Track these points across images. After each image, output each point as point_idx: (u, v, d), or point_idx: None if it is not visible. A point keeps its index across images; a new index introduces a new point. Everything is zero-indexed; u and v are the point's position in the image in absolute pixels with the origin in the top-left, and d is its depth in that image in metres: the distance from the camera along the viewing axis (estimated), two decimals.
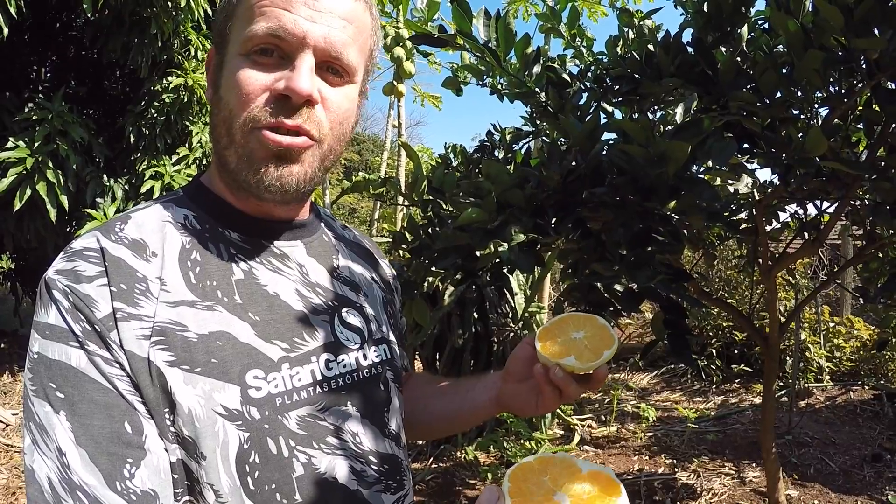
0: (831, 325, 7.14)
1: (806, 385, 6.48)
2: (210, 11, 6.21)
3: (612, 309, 1.72)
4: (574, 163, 1.69)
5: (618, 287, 1.68)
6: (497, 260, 1.85)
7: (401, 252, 2.06)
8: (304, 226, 1.12)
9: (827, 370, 6.74)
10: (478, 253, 1.81)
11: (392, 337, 1.22)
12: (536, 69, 1.99)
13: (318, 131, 0.96)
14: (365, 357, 1.09)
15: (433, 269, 1.91)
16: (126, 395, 0.83)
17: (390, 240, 2.07)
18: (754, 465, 4.71)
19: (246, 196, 1.00)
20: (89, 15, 5.25)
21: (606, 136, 1.71)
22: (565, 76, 2.11)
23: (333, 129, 0.99)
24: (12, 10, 5.11)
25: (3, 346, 7.58)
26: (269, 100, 0.92)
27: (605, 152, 1.66)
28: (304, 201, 1.11)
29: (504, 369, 1.24)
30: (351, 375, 1.05)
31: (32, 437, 0.82)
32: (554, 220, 1.66)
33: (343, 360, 1.05)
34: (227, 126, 0.95)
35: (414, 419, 1.30)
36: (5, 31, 5.15)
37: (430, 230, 1.99)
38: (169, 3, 5.73)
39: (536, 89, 1.97)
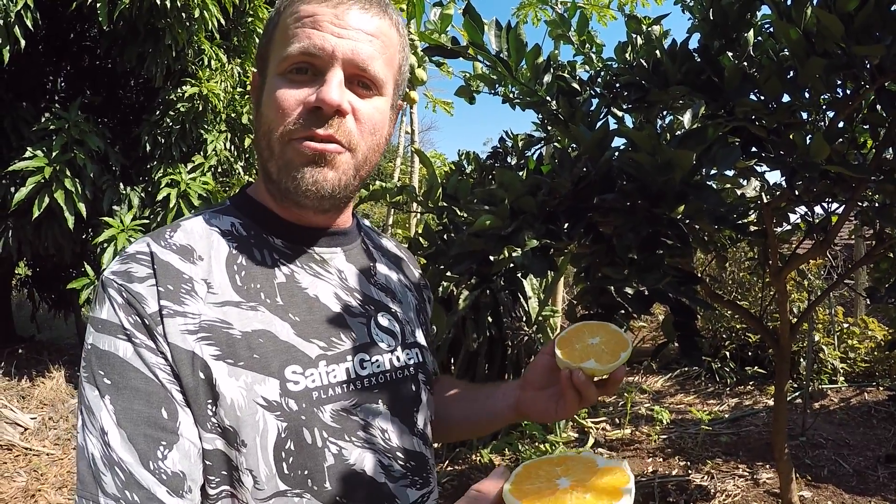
0: (845, 325, 7.12)
1: (820, 386, 6.47)
2: (223, 21, 6.27)
3: (622, 311, 1.76)
4: (584, 170, 1.73)
5: (628, 290, 1.72)
6: (511, 265, 1.88)
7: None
8: (344, 234, 1.18)
9: (841, 371, 6.72)
10: (492, 258, 1.85)
11: (423, 342, 1.27)
12: (547, 78, 2.02)
13: (348, 140, 1.02)
14: (398, 359, 1.15)
15: (449, 274, 1.95)
16: (165, 384, 0.90)
17: (406, 245, 2.11)
18: (768, 466, 4.71)
19: (289, 204, 1.07)
20: (104, 27, 5.32)
21: (616, 141, 1.75)
22: (575, 85, 2.14)
23: (366, 138, 1.05)
24: (28, 23, 5.19)
25: (20, 351, 7.65)
26: (303, 112, 0.99)
27: (614, 158, 1.69)
28: (342, 210, 1.16)
29: (522, 378, 1.29)
30: (384, 375, 1.11)
31: (82, 417, 0.90)
32: (566, 226, 1.69)
33: (377, 360, 1.11)
34: (267, 139, 1.02)
35: (434, 421, 1.34)
36: (22, 42, 5.23)
37: (445, 236, 2.03)
38: (183, 14, 5.78)
39: (547, 98, 2.01)
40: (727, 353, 7.35)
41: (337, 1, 1.00)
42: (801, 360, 6.47)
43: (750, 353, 7.38)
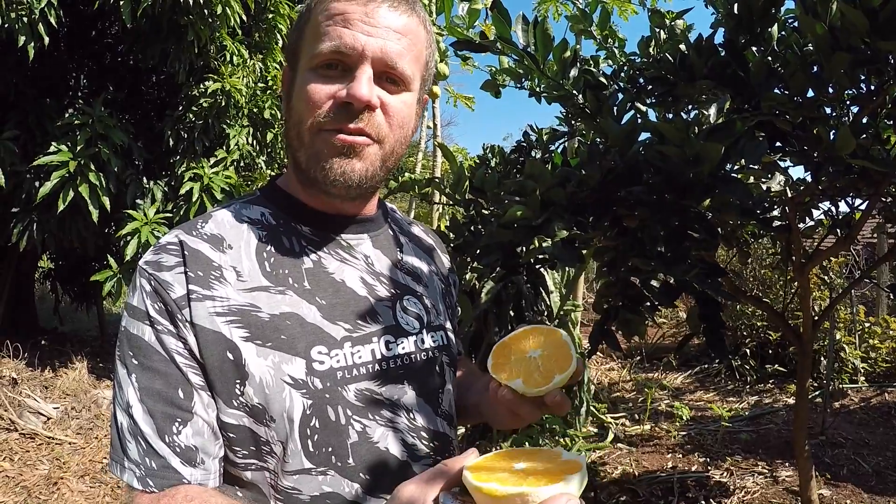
0: (867, 325, 7.06)
1: (840, 386, 6.43)
2: (244, 18, 6.30)
3: (648, 304, 1.77)
4: (612, 163, 1.74)
5: (654, 283, 1.73)
6: (539, 255, 1.90)
7: None
8: (370, 220, 1.23)
9: (862, 371, 6.67)
10: (519, 250, 1.86)
11: (449, 325, 1.31)
12: (573, 72, 2.04)
13: (378, 133, 1.06)
14: (423, 342, 1.19)
15: (476, 265, 1.97)
16: (182, 367, 0.99)
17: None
18: (787, 464, 4.69)
19: (317, 192, 1.12)
20: (128, 24, 5.37)
21: (642, 136, 1.76)
22: (602, 79, 2.16)
23: (394, 131, 1.09)
24: (52, 20, 5.25)
25: (43, 343, 7.75)
26: (333, 107, 1.03)
27: (641, 152, 1.70)
28: (368, 198, 1.21)
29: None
30: (409, 357, 1.15)
31: (115, 391, 1.02)
32: (591, 218, 1.71)
33: (402, 342, 1.15)
34: (297, 130, 1.07)
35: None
36: (46, 39, 5.29)
37: (471, 228, 2.05)
38: (205, 10, 5.82)
39: (574, 91, 2.02)
40: (747, 351, 7.32)
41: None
42: (822, 359, 6.43)
43: (770, 351, 7.34)
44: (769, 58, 1.91)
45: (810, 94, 1.77)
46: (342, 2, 1.03)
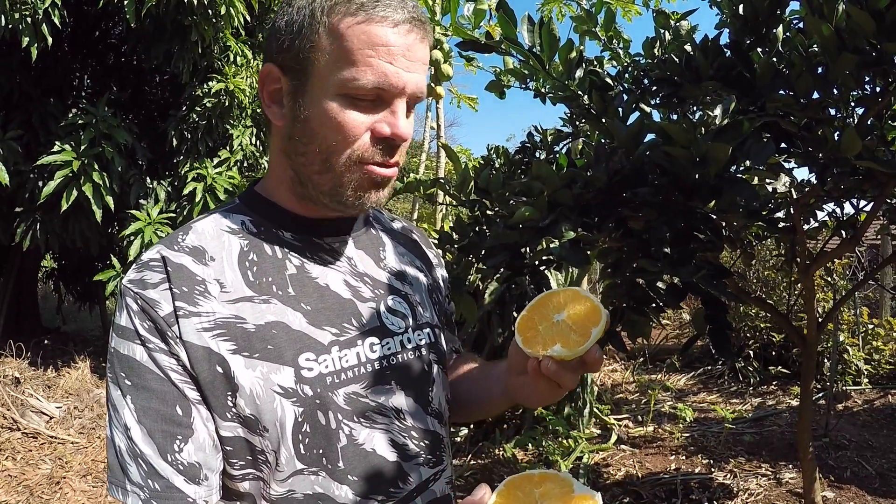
0: (870, 327, 7.05)
1: (844, 388, 6.41)
2: (248, 18, 6.31)
3: (654, 305, 1.77)
4: (620, 164, 1.74)
5: (660, 284, 1.72)
6: (543, 257, 1.90)
7: (444, 251, 2.11)
8: (352, 221, 1.21)
9: (865, 373, 6.66)
10: (523, 250, 1.86)
11: (436, 321, 1.29)
12: (579, 73, 2.04)
13: (401, 161, 1.09)
14: (409, 340, 1.18)
15: (482, 265, 1.97)
16: (178, 383, 0.97)
17: (437, 238, 2.12)
18: (791, 466, 4.69)
19: (313, 205, 1.12)
20: (132, 24, 5.38)
21: (647, 137, 1.75)
22: (608, 80, 2.16)
23: (406, 152, 1.10)
24: (56, 20, 5.26)
25: (46, 342, 7.77)
26: (372, 140, 1.02)
27: (647, 153, 1.70)
28: None
29: (507, 362, 1.22)
30: (395, 357, 1.14)
31: (110, 413, 1.00)
32: (596, 220, 1.70)
33: (388, 343, 1.14)
34: (324, 157, 1.04)
35: (450, 399, 1.36)
36: (49, 39, 5.30)
37: (477, 229, 2.05)
38: (209, 10, 5.83)
39: (579, 92, 2.02)
40: (751, 353, 7.31)
41: (405, 28, 0.99)
42: (826, 360, 6.42)
43: (773, 353, 7.33)
44: (774, 59, 1.91)
45: (816, 95, 1.77)
46: (384, 27, 0.98)
